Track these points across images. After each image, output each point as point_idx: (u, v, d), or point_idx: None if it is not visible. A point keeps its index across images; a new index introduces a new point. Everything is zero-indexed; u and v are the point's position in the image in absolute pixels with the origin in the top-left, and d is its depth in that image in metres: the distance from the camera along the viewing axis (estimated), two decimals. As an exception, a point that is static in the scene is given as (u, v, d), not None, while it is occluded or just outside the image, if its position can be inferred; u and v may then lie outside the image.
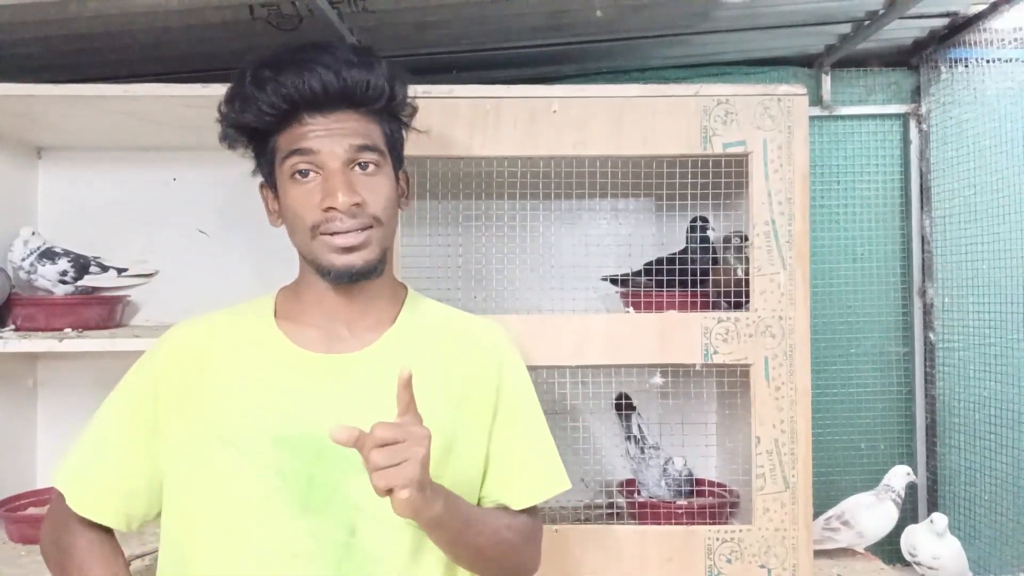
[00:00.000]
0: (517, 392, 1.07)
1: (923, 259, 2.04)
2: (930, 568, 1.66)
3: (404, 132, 1.06)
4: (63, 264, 1.81)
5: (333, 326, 1.01)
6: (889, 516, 1.72)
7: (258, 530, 0.93)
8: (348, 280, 0.96)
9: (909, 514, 1.83)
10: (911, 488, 2.03)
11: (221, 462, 0.94)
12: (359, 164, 0.95)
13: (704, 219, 1.66)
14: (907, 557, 1.71)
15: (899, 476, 1.75)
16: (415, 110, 1.06)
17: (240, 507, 0.94)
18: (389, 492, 0.81)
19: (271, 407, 0.95)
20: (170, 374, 1.00)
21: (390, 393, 0.84)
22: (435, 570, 0.96)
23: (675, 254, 1.65)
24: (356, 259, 0.94)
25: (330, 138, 0.93)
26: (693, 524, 1.53)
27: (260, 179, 1.05)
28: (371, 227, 0.95)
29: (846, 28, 1.87)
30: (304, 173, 0.94)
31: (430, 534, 0.90)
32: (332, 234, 0.94)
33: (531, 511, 1.07)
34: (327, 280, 0.98)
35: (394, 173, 1.01)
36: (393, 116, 1.02)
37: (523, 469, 1.04)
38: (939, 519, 1.67)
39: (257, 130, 0.98)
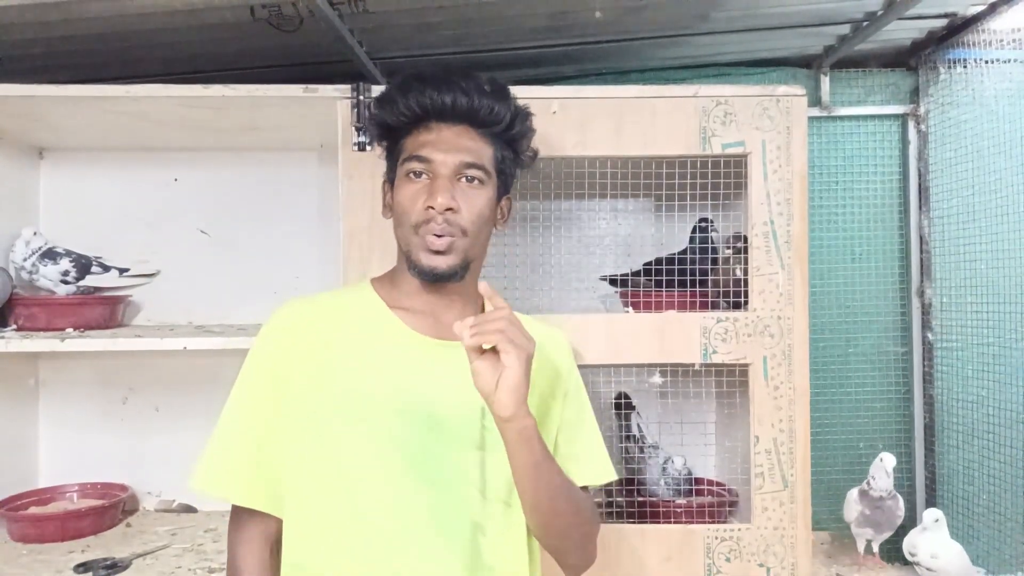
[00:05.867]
0: (580, 391, 1.21)
1: (921, 259, 2.04)
2: (929, 569, 1.66)
3: (517, 168, 1.19)
4: (65, 264, 1.82)
5: (435, 315, 1.12)
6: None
7: (375, 495, 1.02)
8: (430, 278, 1.08)
9: (909, 514, 1.84)
10: (910, 488, 2.04)
11: (342, 432, 1.04)
12: (465, 177, 1.08)
13: (705, 219, 1.67)
14: (908, 557, 1.71)
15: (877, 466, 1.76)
16: (536, 154, 1.21)
17: (359, 474, 1.03)
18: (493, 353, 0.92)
19: (392, 382, 1.06)
20: (287, 351, 1.08)
21: None
22: (521, 533, 1.08)
23: (675, 254, 1.66)
24: (440, 262, 1.07)
25: (445, 152, 1.07)
26: (692, 523, 1.53)
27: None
28: (456, 237, 1.07)
29: (845, 29, 1.87)
30: (418, 174, 1.08)
31: (518, 453, 0.97)
32: (429, 235, 1.06)
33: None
34: (412, 274, 1.09)
35: (496, 195, 1.13)
36: (508, 145, 1.15)
37: (586, 451, 1.16)
38: (930, 514, 1.68)
39: (392, 129, 1.13)
